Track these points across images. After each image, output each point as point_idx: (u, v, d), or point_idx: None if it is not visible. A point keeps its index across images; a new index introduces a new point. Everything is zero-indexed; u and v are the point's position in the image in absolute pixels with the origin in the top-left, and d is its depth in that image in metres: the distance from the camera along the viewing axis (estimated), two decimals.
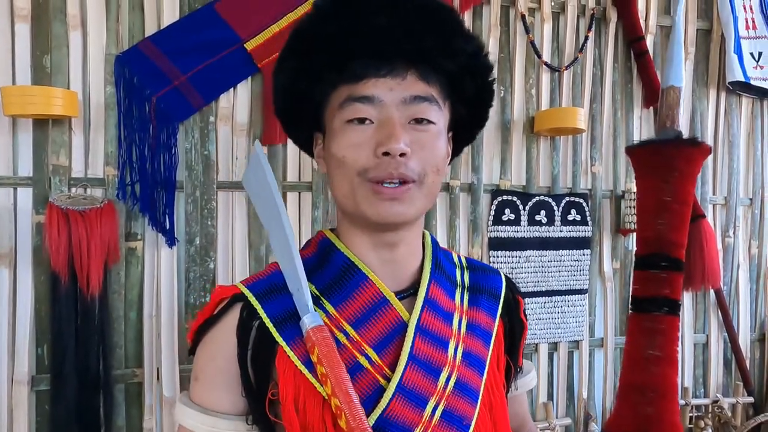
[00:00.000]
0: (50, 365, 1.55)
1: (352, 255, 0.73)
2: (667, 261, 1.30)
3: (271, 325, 0.68)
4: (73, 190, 1.60)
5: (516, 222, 2.03)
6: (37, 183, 1.58)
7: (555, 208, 2.08)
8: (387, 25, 0.66)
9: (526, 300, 2.00)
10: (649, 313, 1.35)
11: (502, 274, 0.86)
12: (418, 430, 0.67)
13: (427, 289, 0.74)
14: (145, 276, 1.67)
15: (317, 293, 0.72)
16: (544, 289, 2.06)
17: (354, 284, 0.72)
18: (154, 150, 1.67)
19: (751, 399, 2.32)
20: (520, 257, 2.01)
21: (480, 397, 0.74)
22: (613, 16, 2.15)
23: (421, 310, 0.72)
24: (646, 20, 2.21)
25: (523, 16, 2.04)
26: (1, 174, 1.56)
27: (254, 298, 0.70)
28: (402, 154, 0.66)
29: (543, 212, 2.07)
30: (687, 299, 2.29)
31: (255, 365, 0.68)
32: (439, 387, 0.70)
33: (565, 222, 2.10)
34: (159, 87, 1.67)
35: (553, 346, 2.11)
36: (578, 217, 2.12)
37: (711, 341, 2.34)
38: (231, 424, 0.69)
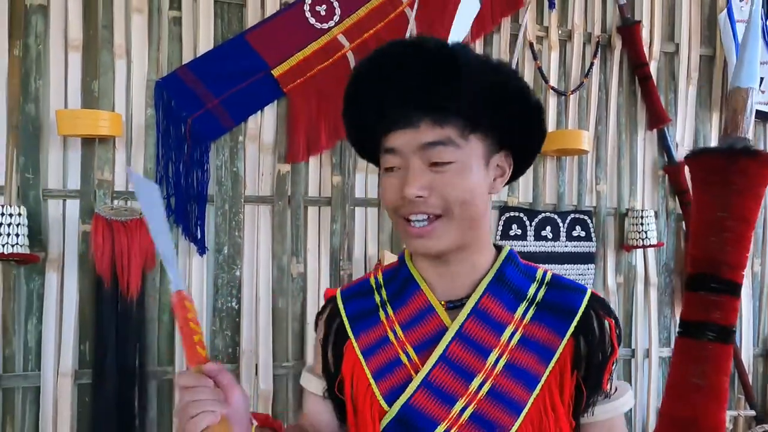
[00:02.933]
0: (92, 361, 1.71)
1: (413, 269, 0.85)
2: (719, 282, 1.17)
3: (347, 320, 0.85)
4: (116, 202, 1.77)
5: (522, 237, 2.15)
6: (84, 195, 1.75)
7: (560, 224, 2.20)
8: (402, 83, 0.77)
9: None
10: (695, 338, 1.21)
11: (588, 294, 0.83)
12: (444, 424, 0.76)
13: (478, 300, 0.80)
14: None
15: (385, 299, 0.86)
16: None
17: (409, 293, 0.84)
18: (189, 166, 1.83)
19: (753, 412, 2.38)
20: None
21: (525, 411, 0.77)
22: (617, 43, 2.28)
23: (466, 318, 0.79)
24: (650, 47, 2.33)
25: (531, 44, 2.17)
26: (52, 187, 1.73)
27: (341, 300, 0.88)
28: (419, 196, 0.75)
29: (549, 228, 2.18)
30: None
31: (333, 350, 0.86)
32: (470, 390, 0.77)
33: (570, 238, 2.21)
34: (194, 109, 1.84)
35: None
36: (583, 233, 2.23)
37: None
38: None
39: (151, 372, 1.77)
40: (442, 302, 0.82)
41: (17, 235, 1.62)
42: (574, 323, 0.79)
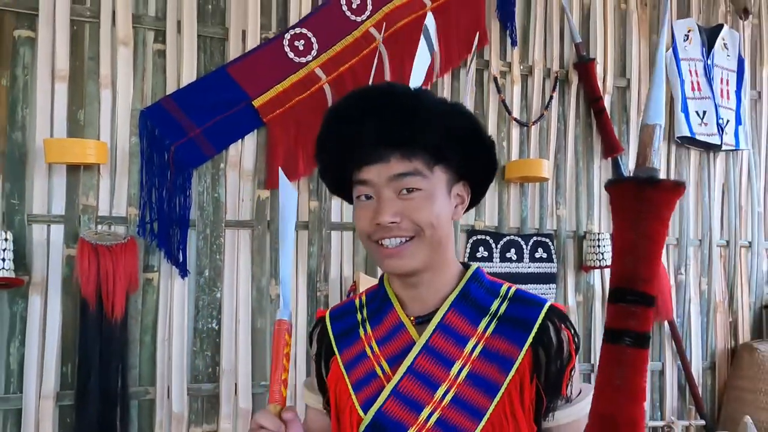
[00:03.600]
0: (76, 382, 1.74)
1: (389, 289, 0.93)
2: (634, 295, 1.38)
3: (333, 338, 0.95)
4: (99, 227, 1.83)
5: (489, 258, 2.28)
6: (68, 221, 1.80)
7: (524, 246, 2.34)
8: (372, 125, 0.86)
9: None
10: (616, 344, 1.46)
11: (545, 307, 0.87)
12: (412, 429, 0.84)
13: (443, 316, 0.87)
14: (160, 304, 1.89)
15: (365, 317, 0.95)
16: None
17: (385, 311, 0.92)
18: (171, 192, 1.90)
19: (703, 422, 2.54)
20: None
21: (486, 417, 0.83)
22: (574, 78, 2.46)
23: (432, 333, 0.87)
24: (603, 82, 2.51)
25: (495, 78, 2.33)
26: (37, 212, 1.78)
27: (329, 320, 0.97)
28: (393, 222, 0.83)
29: (513, 250, 2.32)
30: None
31: (324, 365, 0.95)
32: (436, 398, 0.84)
33: (533, 259, 2.35)
34: (177, 138, 1.92)
35: None
36: (545, 255, 2.37)
37: (666, 368, 2.58)
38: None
39: (132, 392, 1.82)
40: (412, 318, 0.90)
41: (3, 260, 1.66)
42: (532, 335, 0.84)
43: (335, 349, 0.94)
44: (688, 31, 2.66)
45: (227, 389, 1.93)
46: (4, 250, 1.66)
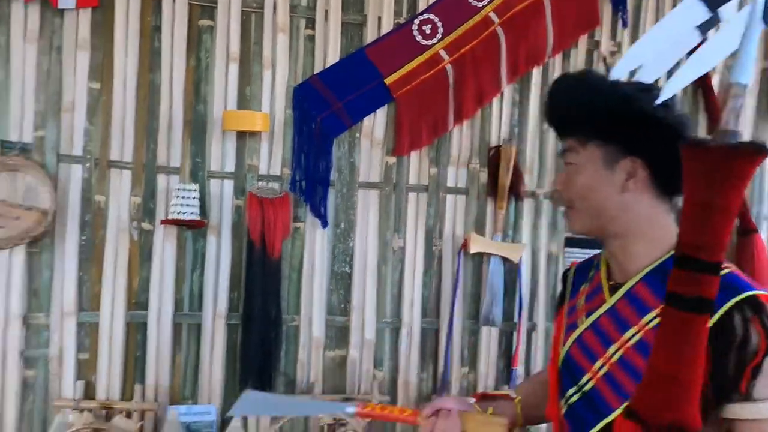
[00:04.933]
0: (242, 306, 2.18)
1: (603, 254, 1.07)
2: (700, 263, 1.37)
3: (569, 288, 1.14)
4: (260, 183, 2.24)
5: None
6: (237, 177, 2.22)
7: None
8: (548, 108, 1.07)
9: None
10: (678, 308, 1.51)
11: (741, 296, 0.83)
12: (588, 375, 0.97)
13: (633, 286, 0.96)
14: (305, 249, 2.28)
15: (591, 276, 1.09)
16: None
17: (596, 273, 1.07)
18: (317, 157, 2.27)
19: None
20: (589, 253, 2.46)
21: None
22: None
23: (618, 299, 0.97)
24: None
25: (604, 58, 2.49)
26: (214, 169, 2.21)
27: (572, 272, 1.17)
28: (557, 189, 1.05)
29: None
30: None
31: (560, 305, 1.17)
32: (607, 354, 0.95)
33: None
34: (322, 110, 2.27)
35: None
36: None
37: None
38: None
39: (282, 318, 2.24)
40: (611, 282, 1.01)
41: (190, 206, 2.10)
42: (711, 322, 0.77)
43: (567, 297, 1.13)
44: None
45: (356, 322, 2.32)
46: (193, 198, 2.10)
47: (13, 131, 2.03)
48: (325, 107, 2.28)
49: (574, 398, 0.99)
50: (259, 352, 2.14)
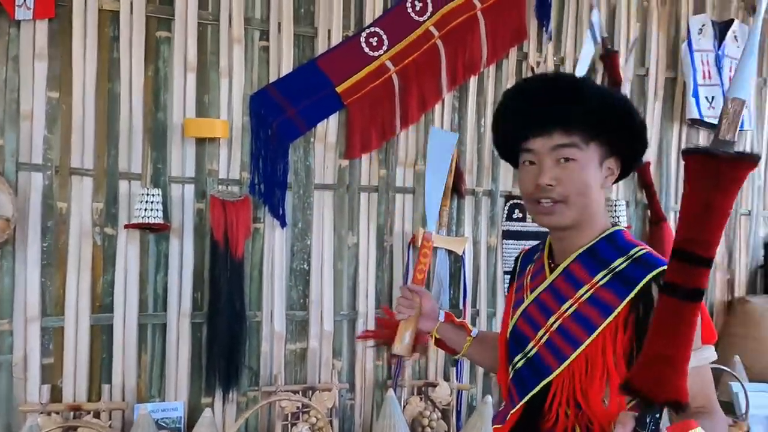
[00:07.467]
0: (208, 304, 2.28)
1: (548, 240, 1.18)
2: (695, 257, 1.01)
3: (517, 270, 1.27)
4: (220, 187, 2.34)
5: (523, 219, 2.76)
6: (197, 182, 2.32)
7: None
8: (540, 104, 1.03)
9: None
10: (674, 297, 1.57)
11: (657, 270, 0.96)
12: (532, 343, 1.09)
13: (568, 264, 1.08)
14: (265, 248, 2.41)
15: (534, 259, 1.20)
16: None
17: (540, 256, 1.18)
18: (274, 161, 2.40)
19: None
20: (524, 245, 2.74)
21: (582, 348, 1.00)
22: (600, 68, 2.87)
23: (556, 276, 1.09)
24: (624, 71, 2.93)
25: (532, 68, 2.76)
26: (175, 174, 2.30)
27: (521, 255, 1.29)
28: (549, 184, 1.01)
29: None
30: None
31: (510, 285, 1.31)
32: (548, 324, 1.07)
33: None
34: (277, 117, 2.41)
35: None
36: None
37: None
38: None
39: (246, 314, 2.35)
40: (551, 264, 1.13)
41: (154, 210, 2.18)
42: (633, 292, 0.96)
43: (515, 277, 1.26)
44: (702, 26, 3.04)
45: (315, 316, 2.47)
46: (156, 203, 2.18)
47: None
48: (281, 114, 2.42)
49: (520, 364, 1.12)
50: (225, 347, 2.24)
